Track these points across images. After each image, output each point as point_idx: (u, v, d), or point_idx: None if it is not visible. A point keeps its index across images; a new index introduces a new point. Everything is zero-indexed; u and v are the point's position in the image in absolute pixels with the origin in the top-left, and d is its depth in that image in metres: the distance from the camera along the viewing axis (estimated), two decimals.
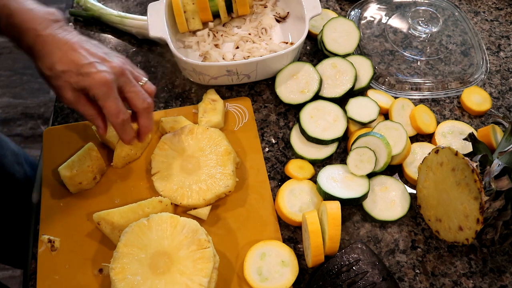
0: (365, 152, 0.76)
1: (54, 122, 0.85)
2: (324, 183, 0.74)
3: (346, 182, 0.75)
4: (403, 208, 0.75)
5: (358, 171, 0.76)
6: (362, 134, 0.78)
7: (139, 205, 0.71)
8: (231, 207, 0.75)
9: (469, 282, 0.70)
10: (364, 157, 0.76)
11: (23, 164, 1.02)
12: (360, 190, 0.74)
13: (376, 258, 0.67)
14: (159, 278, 0.62)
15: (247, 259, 0.69)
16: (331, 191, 0.73)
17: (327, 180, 0.75)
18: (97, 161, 0.76)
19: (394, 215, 0.74)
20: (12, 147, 1.02)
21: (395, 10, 1.00)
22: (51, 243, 0.70)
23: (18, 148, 1.05)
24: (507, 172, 0.64)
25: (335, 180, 0.75)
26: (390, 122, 0.80)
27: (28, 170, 1.03)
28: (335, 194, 0.72)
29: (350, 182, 0.75)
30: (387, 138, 0.77)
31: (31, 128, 2.02)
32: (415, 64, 0.92)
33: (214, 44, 0.93)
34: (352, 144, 0.78)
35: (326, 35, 0.91)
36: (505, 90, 0.91)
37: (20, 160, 1.02)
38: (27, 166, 1.03)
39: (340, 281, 0.65)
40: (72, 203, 0.75)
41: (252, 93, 0.89)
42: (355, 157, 0.76)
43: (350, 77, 0.85)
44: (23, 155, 1.05)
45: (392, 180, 0.77)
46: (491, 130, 0.79)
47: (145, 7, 0.90)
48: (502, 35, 0.99)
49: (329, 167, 0.77)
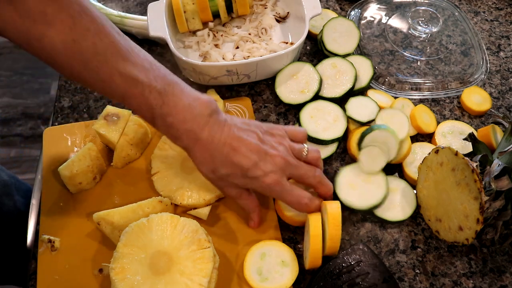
0: (372, 150, 0.76)
1: (54, 122, 0.85)
2: (345, 196, 0.74)
3: (365, 186, 0.75)
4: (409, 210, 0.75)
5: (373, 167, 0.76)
6: (365, 130, 0.78)
7: (139, 205, 0.71)
8: (231, 207, 0.75)
9: (469, 282, 0.70)
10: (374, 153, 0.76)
11: (13, 195, 1.00)
12: (380, 193, 0.74)
13: (377, 260, 0.67)
14: (159, 278, 0.62)
15: (247, 259, 0.69)
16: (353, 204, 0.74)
17: (347, 190, 0.75)
18: (97, 161, 0.76)
19: (399, 216, 0.75)
20: (3, 178, 0.99)
21: (395, 10, 1.00)
22: (51, 243, 0.70)
23: (11, 176, 1.03)
24: (507, 172, 0.64)
25: (354, 188, 0.75)
26: (390, 109, 0.80)
27: (19, 200, 1.00)
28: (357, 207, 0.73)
29: (369, 186, 0.75)
30: (391, 125, 0.78)
31: (31, 128, 2.02)
32: (415, 64, 0.92)
33: (214, 44, 0.93)
34: (359, 144, 0.78)
35: (326, 35, 0.91)
36: (505, 90, 0.91)
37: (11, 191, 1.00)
38: (19, 196, 1.01)
39: (341, 282, 0.65)
40: (72, 203, 0.75)
41: (252, 93, 0.89)
42: (366, 158, 0.76)
43: (350, 77, 0.86)
44: (15, 184, 1.02)
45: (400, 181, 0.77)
46: (491, 130, 0.79)
47: (145, 7, 0.90)
48: (502, 35, 0.99)
49: (343, 171, 0.76)
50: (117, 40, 0.61)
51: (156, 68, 0.64)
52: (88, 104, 0.88)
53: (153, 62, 0.65)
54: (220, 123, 0.66)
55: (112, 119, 0.77)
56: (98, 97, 0.89)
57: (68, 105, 0.88)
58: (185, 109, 0.64)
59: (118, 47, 0.61)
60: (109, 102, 0.88)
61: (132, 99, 0.63)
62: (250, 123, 0.69)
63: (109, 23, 0.62)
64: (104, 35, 0.60)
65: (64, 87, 0.90)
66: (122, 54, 0.61)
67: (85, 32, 0.59)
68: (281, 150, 0.67)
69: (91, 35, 0.59)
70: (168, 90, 0.63)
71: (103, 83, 0.62)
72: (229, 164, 0.65)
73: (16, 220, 0.93)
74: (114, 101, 0.86)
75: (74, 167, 0.73)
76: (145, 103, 0.63)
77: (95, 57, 0.60)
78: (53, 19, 0.57)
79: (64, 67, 0.61)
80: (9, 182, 1.01)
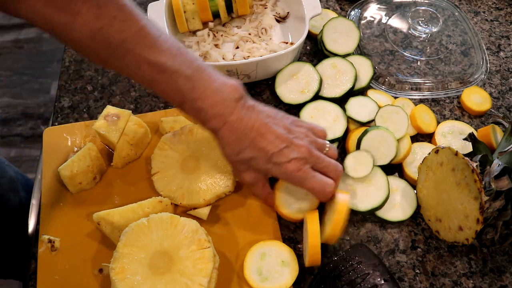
0: (360, 155, 0.76)
1: (54, 122, 0.85)
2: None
3: (366, 188, 0.75)
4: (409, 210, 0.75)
5: (357, 173, 0.76)
6: (360, 135, 0.78)
7: (139, 205, 0.71)
8: (231, 207, 0.75)
9: (469, 282, 0.70)
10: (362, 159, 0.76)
11: (19, 191, 1.01)
12: (381, 194, 0.74)
13: (377, 260, 0.67)
14: (159, 278, 0.62)
15: (247, 259, 0.69)
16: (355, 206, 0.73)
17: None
18: (97, 161, 0.76)
19: (399, 216, 0.75)
20: (10, 174, 1.00)
21: (395, 10, 1.00)
22: (51, 243, 0.70)
23: (17, 173, 1.04)
24: (507, 172, 0.64)
25: (355, 190, 0.75)
26: (390, 106, 0.80)
27: (24, 197, 1.01)
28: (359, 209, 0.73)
29: (370, 188, 0.75)
30: (390, 122, 0.79)
31: (31, 128, 2.02)
32: (415, 64, 0.92)
33: (214, 44, 0.93)
34: (359, 141, 0.78)
35: (326, 35, 0.91)
36: (505, 90, 0.91)
37: (17, 187, 1.01)
38: (24, 193, 1.02)
39: (342, 282, 0.65)
40: (72, 203, 0.75)
41: (252, 93, 0.89)
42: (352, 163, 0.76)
43: (350, 77, 0.85)
44: (21, 180, 1.03)
45: (400, 181, 0.77)
46: (491, 130, 0.79)
47: (145, 7, 0.90)
48: (502, 35, 0.99)
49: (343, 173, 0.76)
50: (144, 27, 0.61)
51: (184, 53, 0.64)
52: (88, 104, 0.88)
53: (181, 47, 0.65)
54: (249, 108, 0.66)
55: (112, 119, 0.77)
56: (98, 97, 0.89)
57: (68, 105, 0.88)
58: (214, 94, 0.64)
59: (145, 34, 0.61)
60: (109, 102, 0.88)
61: (160, 84, 0.63)
62: (278, 112, 0.70)
63: (137, 11, 0.62)
64: (131, 23, 0.60)
65: (64, 87, 0.90)
66: (149, 41, 0.61)
67: (112, 20, 0.59)
68: (306, 141, 0.68)
69: (117, 23, 0.59)
70: (197, 75, 0.64)
71: (130, 70, 0.63)
72: (254, 147, 0.65)
73: (21, 215, 0.94)
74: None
75: (74, 167, 0.73)
76: (174, 88, 0.63)
77: (121, 44, 0.60)
78: (78, 8, 0.57)
79: (91, 54, 0.62)
80: (15, 179, 1.02)
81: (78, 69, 0.92)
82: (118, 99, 0.88)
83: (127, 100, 0.88)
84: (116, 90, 0.90)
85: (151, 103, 0.88)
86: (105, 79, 0.91)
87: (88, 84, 0.91)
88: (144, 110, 0.87)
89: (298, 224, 0.75)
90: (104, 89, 0.90)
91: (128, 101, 0.88)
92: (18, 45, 2.21)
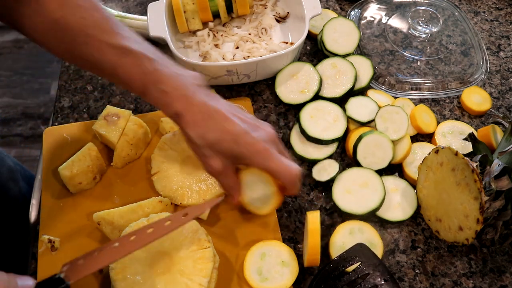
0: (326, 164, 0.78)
1: (54, 122, 0.85)
2: (342, 202, 0.74)
3: (361, 191, 0.75)
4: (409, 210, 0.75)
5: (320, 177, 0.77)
6: (355, 142, 0.78)
7: (139, 205, 0.71)
8: (231, 207, 0.75)
9: (469, 282, 0.70)
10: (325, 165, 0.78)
11: (18, 181, 1.01)
12: (377, 196, 0.74)
13: (377, 260, 0.67)
14: (159, 278, 0.62)
15: (247, 259, 0.69)
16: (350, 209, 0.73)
17: (344, 197, 0.74)
18: (97, 161, 0.76)
19: (399, 216, 0.75)
20: (9, 164, 1.00)
21: (395, 10, 1.00)
22: (51, 243, 0.70)
23: (16, 163, 1.04)
24: (507, 172, 0.64)
25: (351, 193, 0.75)
26: (390, 106, 0.80)
27: (23, 187, 1.01)
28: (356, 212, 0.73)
29: (366, 191, 0.75)
30: (390, 122, 0.79)
31: (31, 128, 2.02)
32: (415, 64, 0.92)
33: (214, 44, 0.93)
34: (354, 148, 0.78)
35: (326, 35, 0.91)
36: (505, 90, 0.91)
37: (16, 177, 1.01)
38: (23, 183, 1.02)
39: (342, 283, 0.65)
40: (72, 203, 0.75)
41: (252, 93, 0.89)
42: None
43: (350, 77, 0.85)
44: (20, 171, 1.03)
45: (400, 181, 0.77)
46: (491, 130, 0.79)
47: (145, 7, 0.90)
48: (502, 35, 0.99)
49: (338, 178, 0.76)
50: (107, 17, 0.63)
51: (145, 42, 0.66)
52: (88, 104, 0.88)
53: (142, 39, 0.66)
54: (210, 95, 0.66)
55: (112, 119, 0.77)
56: (98, 97, 0.89)
57: (68, 105, 0.88)
58: (177, 78, 0.65)
59: (108, 21, 0.63)
60: (109, 102, 0.88)
61: (123, 68, 0.64)
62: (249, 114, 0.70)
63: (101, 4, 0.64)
64: (94, 11, 0.62)
65: (64, 87, 0.90)
66: (111, 28, 0.63)
67: (76, 8, 0.61)
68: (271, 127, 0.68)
69: (81, 11, 0.61)
70: (159, 60, 0.65)
71: (92, 57, 0.63)
72: (220, 129, 0.64)
73: (21, 205, 0.94)
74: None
75: (74, 167, 0.73)
76: (139, 71, 0.64)
77: (83, 30, 0.61)
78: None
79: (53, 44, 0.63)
80: (15, 169, 1.02)
81: (78, 69, 0.92)
82: (118, 99, 0.88)
83: (127, 100, 0.88)
84: (116, 90, 0.90)
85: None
86: (105, 79, 0.91)
87: (88, 84, 0.91)
88: (144, 110, 0.87)
89: (298, 224, 0.75)
90: (104, 89, 0.90)
91: (128, 101, 0.88)
92: (18, 45, 2.21)
